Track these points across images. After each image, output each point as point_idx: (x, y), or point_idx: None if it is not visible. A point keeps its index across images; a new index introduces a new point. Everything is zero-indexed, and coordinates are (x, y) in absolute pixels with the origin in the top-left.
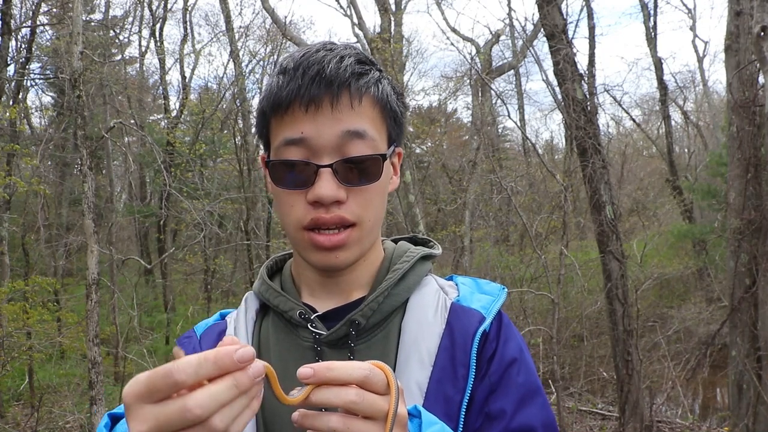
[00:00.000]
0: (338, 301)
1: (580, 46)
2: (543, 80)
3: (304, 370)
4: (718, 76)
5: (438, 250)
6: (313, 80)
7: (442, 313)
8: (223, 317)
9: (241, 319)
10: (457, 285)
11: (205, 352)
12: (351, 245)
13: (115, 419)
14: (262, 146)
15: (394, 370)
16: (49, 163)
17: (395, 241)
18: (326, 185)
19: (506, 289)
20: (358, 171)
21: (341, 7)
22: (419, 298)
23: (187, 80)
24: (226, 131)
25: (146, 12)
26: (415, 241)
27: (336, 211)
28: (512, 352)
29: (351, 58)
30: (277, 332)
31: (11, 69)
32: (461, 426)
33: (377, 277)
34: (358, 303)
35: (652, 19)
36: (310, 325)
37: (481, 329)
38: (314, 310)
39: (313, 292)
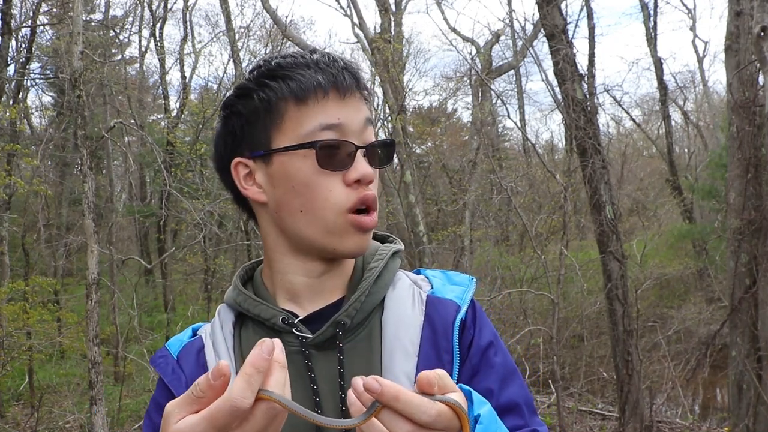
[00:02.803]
0: (318, 304)
1: (580, 46)
2: (543, 80)
3: (372, 384)
4: (718, 76)
5: (401, 246)
6: (343, 71)
7: (419, 306)
8: (195, 332)
9: (217, 333)
10: (428, 278)
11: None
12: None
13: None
14: (242, 148)
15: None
16: (50, 163)
17: None
18: (367, 165)
19: (475, 279)
20: (381, 154)
21: (341, 7)
22: (395, 293)
23: (187, 80)
24: None
25: (146, 12)
26: (374, 238)
27: (372, 190)
28: (488, 337)
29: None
30: None
31: (11, 69)
32: None
33: (353, 277)
34: (338, 303)
35: (652, 19)
36: (295, 330)
37: (459, 317)
38: (295, 315)
39: (294, 296)
